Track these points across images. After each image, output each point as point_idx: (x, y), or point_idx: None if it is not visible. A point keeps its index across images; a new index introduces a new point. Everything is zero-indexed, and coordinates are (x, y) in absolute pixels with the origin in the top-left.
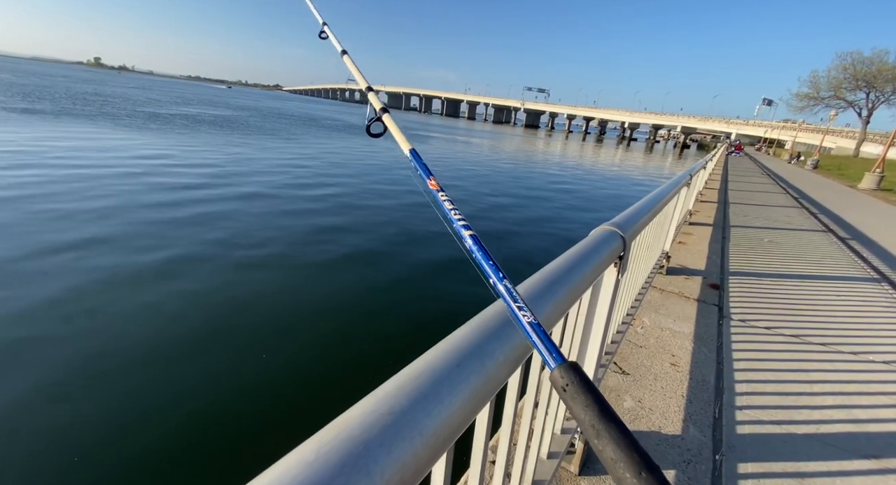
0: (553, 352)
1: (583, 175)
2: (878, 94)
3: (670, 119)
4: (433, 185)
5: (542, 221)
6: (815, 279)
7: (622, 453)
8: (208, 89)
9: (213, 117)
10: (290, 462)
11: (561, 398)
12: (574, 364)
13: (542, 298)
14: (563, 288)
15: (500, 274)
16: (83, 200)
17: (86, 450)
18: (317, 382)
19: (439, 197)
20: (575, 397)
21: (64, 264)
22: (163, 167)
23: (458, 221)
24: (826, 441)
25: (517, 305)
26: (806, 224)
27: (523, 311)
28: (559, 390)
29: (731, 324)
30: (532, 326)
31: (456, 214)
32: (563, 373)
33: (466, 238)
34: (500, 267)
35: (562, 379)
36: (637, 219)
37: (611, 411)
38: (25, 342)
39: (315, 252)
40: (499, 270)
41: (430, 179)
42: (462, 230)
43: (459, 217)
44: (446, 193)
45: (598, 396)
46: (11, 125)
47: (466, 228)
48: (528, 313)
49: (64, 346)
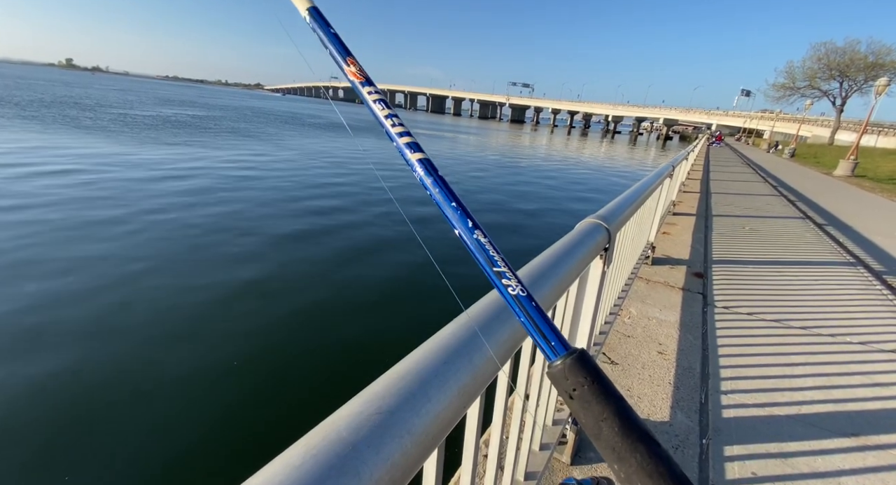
0: (553, 338)
1: (569, 167)
2: (850, 82)
3: (653, 111)
4: (353, 72)
5: (531, 214)
6: (795, 265)
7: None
8: (204, 90)
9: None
10: (277, 467)
11: (569, 407)
12: (584, 355)
13: (531, 291)
14: (549, 282)
15: (470, 223)
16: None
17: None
18: (306, 384)
19: (365, 93)
20: (588, 406)
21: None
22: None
23: (400, 135)
24: (807, 422)
25: (497, 269)
26: (785, 212)
27: (506, 278)
28: (564, 396)
29: (716, 311)
30: (520, 301)
31: (395, 126)
32: (570, 370)
33: (414, 163)
34: (471, 212)
35: (566, 380)
36: (621, 211)
37: (641, 428)
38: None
39: (300, 249)
40: (467, 218)
41: (349, 63)
42: (406, 151)
43: (401, 130)
44: (377, 90)
45: (620, 403)
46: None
47: (413, 148)
48: (515, 283)
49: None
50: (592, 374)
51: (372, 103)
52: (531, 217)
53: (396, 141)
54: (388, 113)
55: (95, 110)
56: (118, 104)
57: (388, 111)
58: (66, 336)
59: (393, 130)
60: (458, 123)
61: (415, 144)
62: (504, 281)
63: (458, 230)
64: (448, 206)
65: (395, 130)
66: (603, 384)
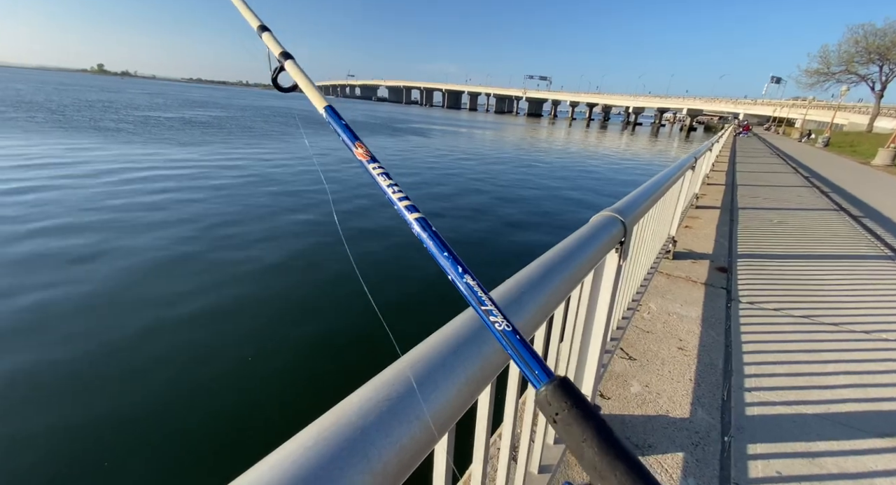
0: (536, 367)
1: (590, 162)
2: (892, 66)
3: (675, 102)
4: (361, 154)
5: (548, 213)
6: (827, 259)
7: None
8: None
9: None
10: (291, 447)
11: (555, 431)
12: (565, 382)
13: (540, 285)
14: (560, 274)
15: (460, 269)
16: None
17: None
18: (318, 375)
19: (371, 169)
20: (569, 429)
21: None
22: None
23: (400, 199)
24: (838, 421)
25: (484, 308)
26: (818, 203)
27: (493, 316)
28: (549, 420)
29: (740, 306)
30: (506, 335)
31: (395, 192)
32: (552, 396)
33: (412, 222)
34: (461, 260)
35: (549, 406)
36: (638, 204)
37: (619, 446)
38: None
39: (310, 240)
40: (457, 264)
41: (357, 146)
42: (405, 212)
43: (401, 195)
44: (381, 165)
45: (599, 425)
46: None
47: (412, 209)
48: (501, 319)
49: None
50: (573, 399)
51: (377, 176)
52: (545, 215)
53: (397, 205)
54: (389, 183)
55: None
56: (173, 106)
57: (390, 182)
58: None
59: (394, 195)
60: (475, 118)
61: (412, 207)
62: (491, 318)
63: (451, 276)
64: (441, 255)
65: (395, 196)
66: (583, 408)
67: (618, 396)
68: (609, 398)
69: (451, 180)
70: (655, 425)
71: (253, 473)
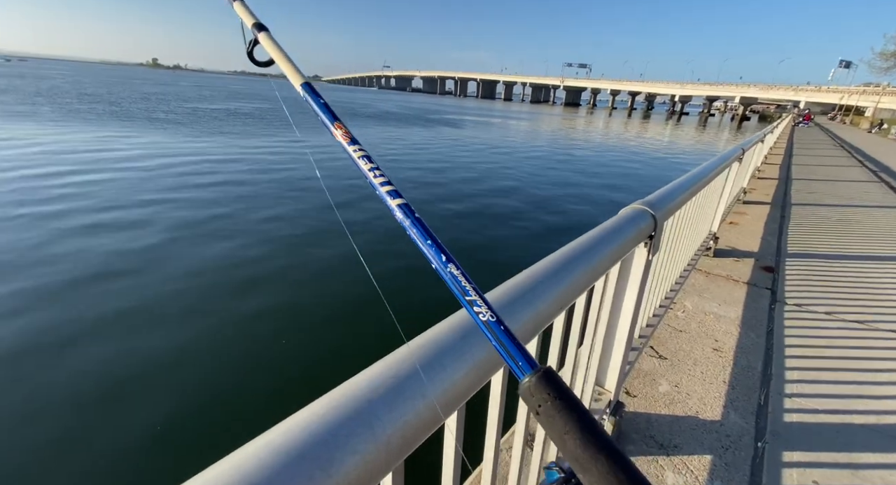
0: (520, 358)
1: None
2: None
3: (727, 89)
4: (340, 135)
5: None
6: (890, 262)
7: None
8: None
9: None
10: (304, 415)
11: (538, 422)
12: (549, 373)
13: (561, 274)
14: (581, 265)
15: (444, 257)
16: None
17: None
18: (329, 354)
19: (352, 152)
20: (552, 420)
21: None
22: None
23: (382, 185)
24: (887, 434)
25: (468, 298)
26: (886, 200)
27: (477, 306)
28: (532, 412)
29: (786, 309)
30: (490, 326)
31: (377, 176)
32: (535, 387)
33: (394, 209)
34: (445, 248)
35: (532, 397)
36: (672, 198)
37: (602, 439)
38: None
39: (323, 230)
40: (441, 252)
41: (336, 127)
42: (387, 198)
43: (383, 180)
44: (363, 148)
45: (582, 417)
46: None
47: (394, 195)
48: (485, 309)
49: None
50: (556, 390)
51: (357, 159)
52: (575, 201)
53: (379, 189)
54: (371, 166)
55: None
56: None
57: (371, 165)
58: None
59: (376, 180)
60: (509, 108)
61: (395, 192)
62: (475, 308)
63: (434, 264)
64: (424, 243)
65: (377, 181)
66: (566, 400)
67: (644, 394)
68: (635, 396)
69: (480, 167)
70: (683, 426)
71: (266, 436)
